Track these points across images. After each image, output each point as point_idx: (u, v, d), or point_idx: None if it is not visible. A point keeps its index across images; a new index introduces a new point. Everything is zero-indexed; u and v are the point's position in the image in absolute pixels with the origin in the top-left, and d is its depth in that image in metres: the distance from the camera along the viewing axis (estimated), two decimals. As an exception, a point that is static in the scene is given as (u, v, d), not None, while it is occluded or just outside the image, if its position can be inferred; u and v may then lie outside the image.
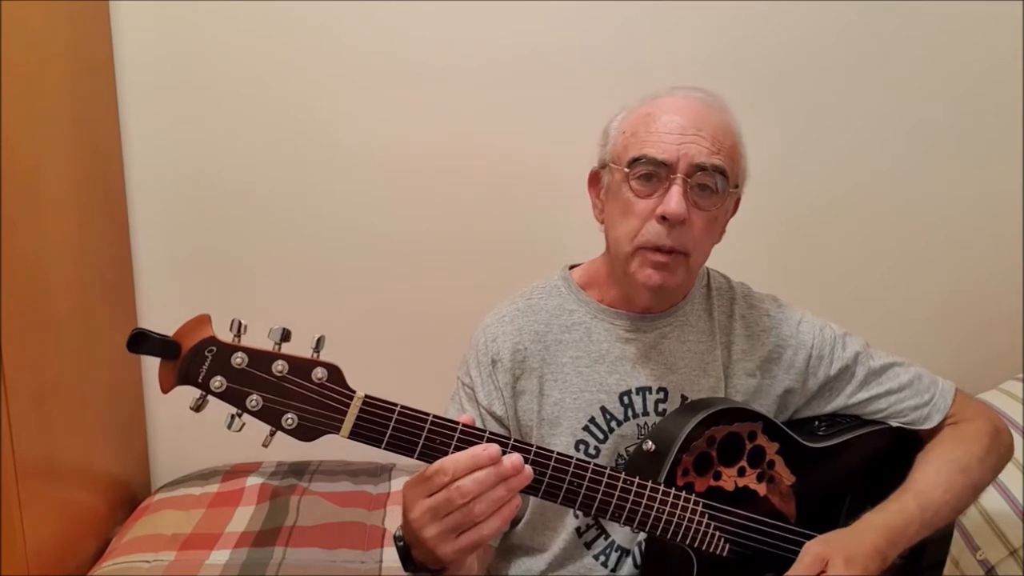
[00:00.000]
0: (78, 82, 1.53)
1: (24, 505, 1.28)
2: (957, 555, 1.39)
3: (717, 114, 0.99)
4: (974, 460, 1.04)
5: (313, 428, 0.77)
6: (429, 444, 0.80)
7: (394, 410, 0.79)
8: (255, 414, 0.76)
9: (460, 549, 0.78)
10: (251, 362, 0.75)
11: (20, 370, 1.28)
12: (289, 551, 1.45)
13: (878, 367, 1.10)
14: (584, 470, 0.87)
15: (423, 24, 1.67)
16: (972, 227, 1.83)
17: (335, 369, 0.78)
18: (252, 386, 0.75)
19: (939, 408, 1.08)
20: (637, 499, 0.90)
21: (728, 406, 0.99)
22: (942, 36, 1.74)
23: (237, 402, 0.75)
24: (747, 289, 1.14)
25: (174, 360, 0.74)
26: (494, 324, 1.09)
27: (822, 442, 1.04)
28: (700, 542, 0.94)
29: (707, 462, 0.96)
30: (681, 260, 0.98)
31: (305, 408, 0.77)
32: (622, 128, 1.01)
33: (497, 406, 1.06)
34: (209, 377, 0.74)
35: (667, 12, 1.70)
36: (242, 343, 0.75)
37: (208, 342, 0.74)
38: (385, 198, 1.75)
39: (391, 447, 0.79)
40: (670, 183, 0.95)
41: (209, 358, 0.74)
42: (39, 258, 1.38)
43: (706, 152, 0.95)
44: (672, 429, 0.96)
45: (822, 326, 1.11)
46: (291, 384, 0.76)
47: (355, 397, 0.78)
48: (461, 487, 0.76)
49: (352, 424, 0.78)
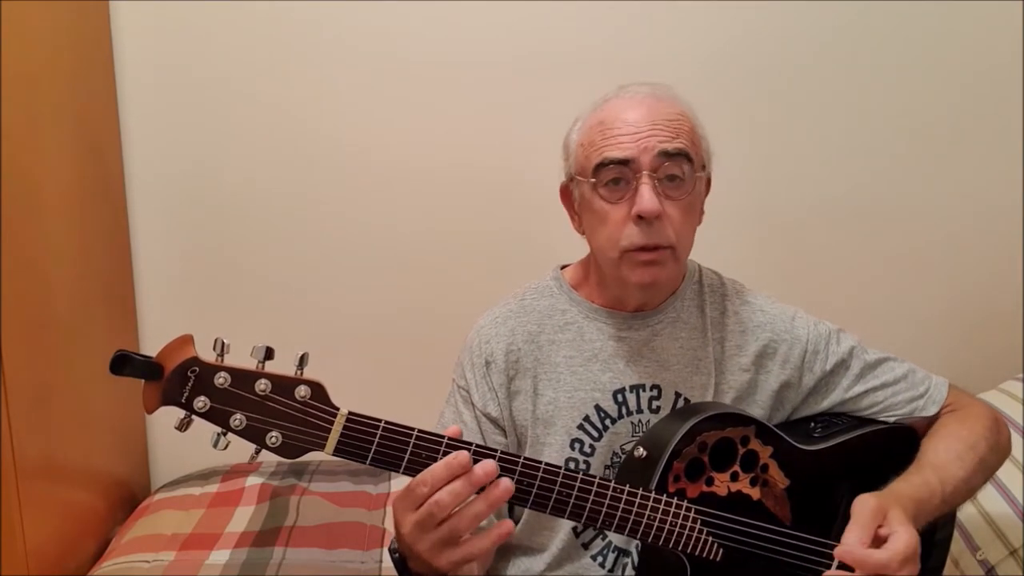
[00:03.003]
0: (78, 82, 1.53)
1: (24, 505, 1.28)
2: (957, 555, 1.39)
3: (667, 104, 1.00)
4: (980, 438, 1.05)
5: (297, 446, 0.78)
6: (415, 459, 0.80)
7: (378, 426, 0.79)
8: (239, 433, 0.76)
9: (455, 563, 0.79)
10: (234, 382, 0.75)
11: (20, 370, 1.27)
12: (289, 551, 1.45)
13: (873, 361, 1.10)
14: (573, 480, 0.86)
15: (423, 24, 1.67)
16: (972, 227, 1.83)
17: (318, 386, 0.78)
18: (235, 405, 0.76)
19: (935, 399, 1.09)
20: (628, 507, 0.89)
21: (719, 411, 0.98)
22: (942, 36, 1.74)
23: (221, 422, 0.76)
24: (739, 286, 1.14)
25: (157, 381, 0.74)
26: (487, 325, 1.10)
27: (817, 444, 1.04)
28: (693, 548, 0.93)
29: (699, 468, 0.96)
30: (668, 254, 0.98)
31: (289, 426, 0.77)
32: (579, 140, 1.03)
33: (492, 407, 1.07)
34: (192, 397, 0.75)
35: (667, 12, 1.70)
36: (225, 363, 0.75)
37: (191, 362, 0.75)
38: (384, 198, 1.75)
39: (376, 463, 0.80)
40: (637, 182, 0.96)
41: (192, 378, 0.75)
42: (39, 258, 1.38)
43: (665, 140, 0.96)
44: (663, 435, 0.95)
45: (816, 322, 1.11)
46: (274, 403, 0.76)
47: (339, 414, 0.78)
48: (439, 501, 0.77)
49: (336, 441, 0.78)
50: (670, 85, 1.04)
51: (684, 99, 1.03)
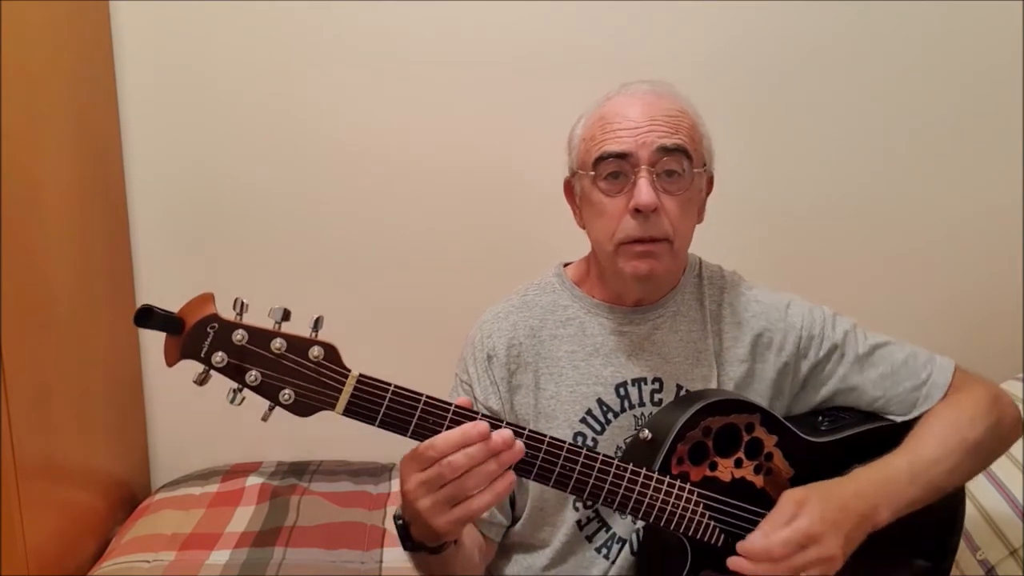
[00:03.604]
0: (78, 82, 1.53)
1: (24, 505, 1.28)
2: (957, 555, 1.39)
3: (668, 101, 1.01)
4: (965, 419, 1.03)
5: (309, 404, 0.79)
6: (422, 424, 0.82)
7: (388, 389, 0.81)
8: (254, 389, 0.78)
9: (453, 520, 0.80)
10: (251, 339, 0.77)
11: (20, 370, 1.28)
12: (289, 551, 1.45)
13: (870, 346, 1.09)
14: (577, 455, 0.87)
15: (422, 24, 1.68)
16: (972, 226, 1.83)
17: (331, 348, 0.80)
18: (252, 362, 0.77)
19: (938, 384, 1.07)
20: (631, 485, 0.90)
21: (725, 397, 0.99)
22: (942, 36, 1.74)
23: (237, 377, 0.78)
24: (737, 277, 1.15)
25: (178, 335, 0.77)
26: (489, 321, 1.11)
27: (823, 437, 1.04)
28: (695, 531, 0.94)
29: (703, 452, 0.97)
30: (664, 247, 0.99)
31: (302, 385, 0.79)
32: (582, 135, 1.05)
33: (493, 401, 1.07)
34: (211, 352, 0.77)
35: (667, 12, 1.70)
36: (243, 321, 0.78)
37: (211, 319, 0.77)
38: (385, 197, 1.75)
39: (385, 425, 0.81)
40: (636, 176, 0.97)
41: (211, 334, 0.77)
42: (39, 258, 1.38)
43: (664, 135, 0.98)
44: (669, 418, 0.96)
45: (811, 308, 1.11)
46: (289, 361, 0.78)
47: (350, 375, 0.80)
48: (452, 462, 0.78)
49: (347, 401, 0.80)
50: (672, 83, 1.05)
51: (685, 97, 1.04)
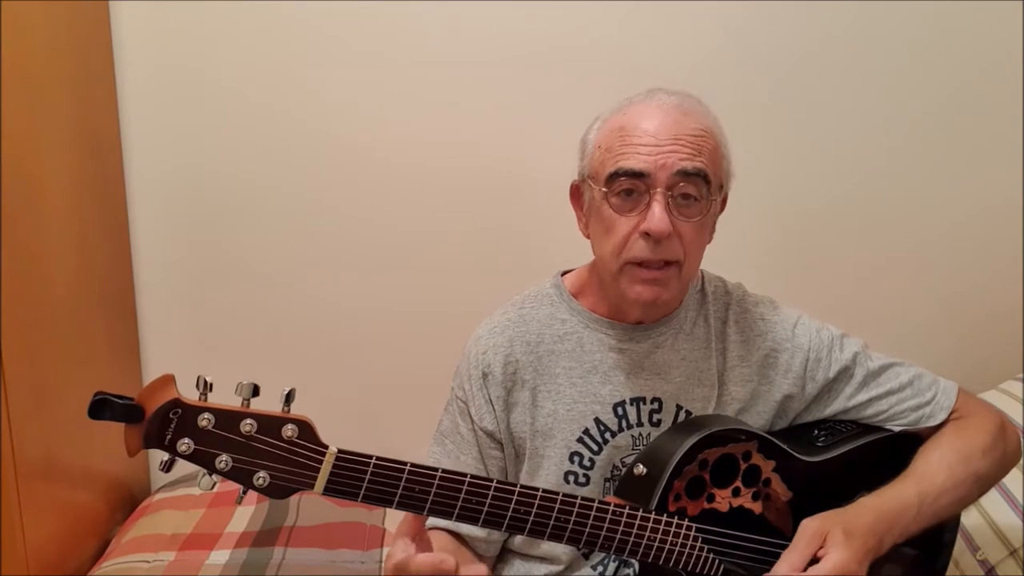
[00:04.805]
0: (78, 82, 1.53)
1: (24, 505, 1.28)
2: (957, 555, 1.39)
3: (695, 119, 0.95)
4: (976, 450, 1.01)
5: (286, 486, 0.76)
6: (408, 494, 0.78)
7: (369, 462, 0.77)
8: (225, 475, 0.74)
9: None
10: (218, 422, 0.73)
11: (20, 370, 1.27)
12: (289, 551, 1.45)
13: (877, 367, 1.07)
14: (571, 505, 0.85)
15: (423, 24, 1.67)
16: (972, 226, 1.82)
17: (306, 424, 0.75)
18: (220, 447, 0.73)
19: (942, 406, 1.06)
20: (628, 528, 0.88)
21: (721, 427, 0.96)
22: (942, 35, 1.74)
23: (206, 464, 0.74)
24: (743, 292, 1.11)
25: (139, 424, 0.72)
26: (485, 336, 1.07)
27: (821, 454, 1.02)
28: (694, 566, 0.92)
29: (700, 485, 0.94)
30: (673, 272, 0.96)
31: (276, 467, 0.75)
32: (597, 142, 0.98)
33: (488, 420, 1.05)
34: (176, 439, 0.72)
35: (667, 12, 1.70)
36: (208, 402, 0.73)
37: (172, 404, 0.72)
38: (386, 198, 1.74)
39: (368, 499, 0.78)
40: (650, 198, 0.92)
41: (175, 420, 0.72)
42: (39, 258, 1.38)
43: (685, 158, 0.92)
44: (663, 453, 0.93)
45: (819, 328, 1.09)
46: (260, 443, 0.74)
47: (328, 452, 0.76)
48: None
49: (326, 480, 0.76)
50: (700, 98, 0.98)
51: (712, 114, 0.98)
